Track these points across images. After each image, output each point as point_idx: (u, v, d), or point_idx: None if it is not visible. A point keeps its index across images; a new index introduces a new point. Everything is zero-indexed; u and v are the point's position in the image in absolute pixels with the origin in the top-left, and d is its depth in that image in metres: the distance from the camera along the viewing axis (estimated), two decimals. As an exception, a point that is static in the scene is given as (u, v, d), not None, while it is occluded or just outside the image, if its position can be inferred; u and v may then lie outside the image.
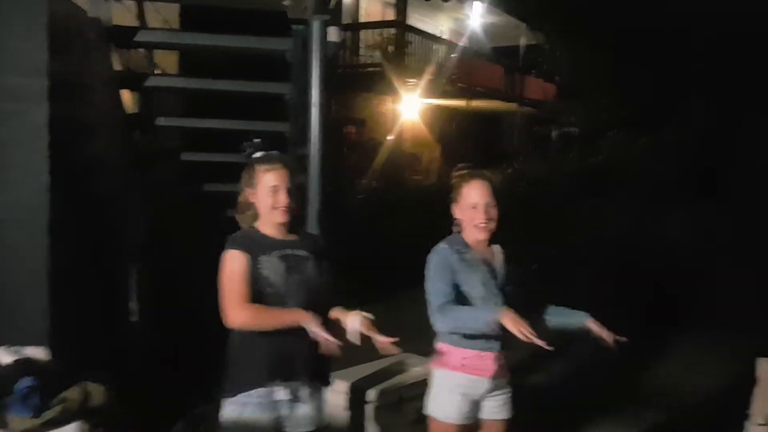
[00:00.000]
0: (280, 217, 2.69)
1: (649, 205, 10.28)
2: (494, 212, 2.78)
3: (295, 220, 2.81)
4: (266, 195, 2.68)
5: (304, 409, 2.70)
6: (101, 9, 4.07)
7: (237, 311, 2.57)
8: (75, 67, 4.06)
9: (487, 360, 2.75)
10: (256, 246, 2.68)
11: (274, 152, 2.77)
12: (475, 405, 2.80)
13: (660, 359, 6.17)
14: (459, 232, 2.85)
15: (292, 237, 2.77)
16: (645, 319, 6.99)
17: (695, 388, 5.53)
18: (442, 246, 2.81)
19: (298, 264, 2.71)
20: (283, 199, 2.67)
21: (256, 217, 2.76)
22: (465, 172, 2.86)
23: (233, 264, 2.63)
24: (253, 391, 2.61)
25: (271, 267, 2.65)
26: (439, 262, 2.75)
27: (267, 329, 2.59)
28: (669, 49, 13.91)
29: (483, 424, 2.85)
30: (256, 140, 2.77)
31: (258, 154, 2.75)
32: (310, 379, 2.70)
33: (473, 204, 2.77)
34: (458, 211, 2.84)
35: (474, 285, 2.74)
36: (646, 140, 14.68)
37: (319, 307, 2.69)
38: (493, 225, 2.78)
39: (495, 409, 2.84)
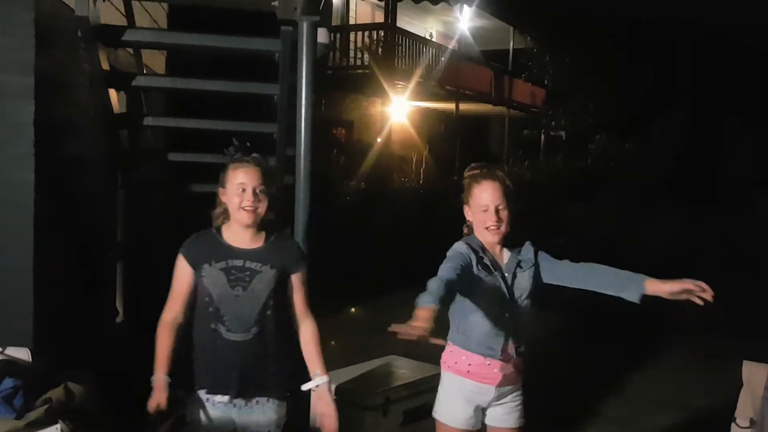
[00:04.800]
0: (245, 218, 2.57)
1: (636, 207, 10.35)
2: (505, 214, 2.65)
3: (271, 225, 2.67)
4: (233, 194, 2.57)
5: (253, 417, 2.64)
6: (89, 7, 4.04)
7: (162, 317, 2.62)
8: (61, 66, 4.04)
9: (493, 368, 2.66)
10: (204, 252, 2.60)
11: (254, 154, 2.64)
12: (481, 411, 2.73)
13: (647, 362, 6.19)
14: (470, 234, 2.73)
15: (255, 245, 2.63)
16: (632, 322, 7.04)
17: (682, 390, 5.56)
18: (461, 243, 2.68)
19: (243, 277, 2.57)
20: (249, 198, 2.54)
21: (226, 218, 2.65)
22: (476, 171, 2.71)
23: (176, 270, 2.63)
24: (205, 391, 2.61)
25: (212, 277, 2.57)
26: (457, 251, 2.64)
27: None
28: (656, 53, 14.01)
29: (489, 431, 2.77)
30: (237, 143, 2.64)
31: (238, 156, 2.63)
32: (253, 390, 2.62)
33: (484, 206, 2.65)
34: (469, 213, 2.72)
35: (485, 292, 2.64)
36: (632, 144, 14.78)
37: (269, 321, 2.61)
38: (504, 228, 2.66)
39: (502, 416, 2.76)
